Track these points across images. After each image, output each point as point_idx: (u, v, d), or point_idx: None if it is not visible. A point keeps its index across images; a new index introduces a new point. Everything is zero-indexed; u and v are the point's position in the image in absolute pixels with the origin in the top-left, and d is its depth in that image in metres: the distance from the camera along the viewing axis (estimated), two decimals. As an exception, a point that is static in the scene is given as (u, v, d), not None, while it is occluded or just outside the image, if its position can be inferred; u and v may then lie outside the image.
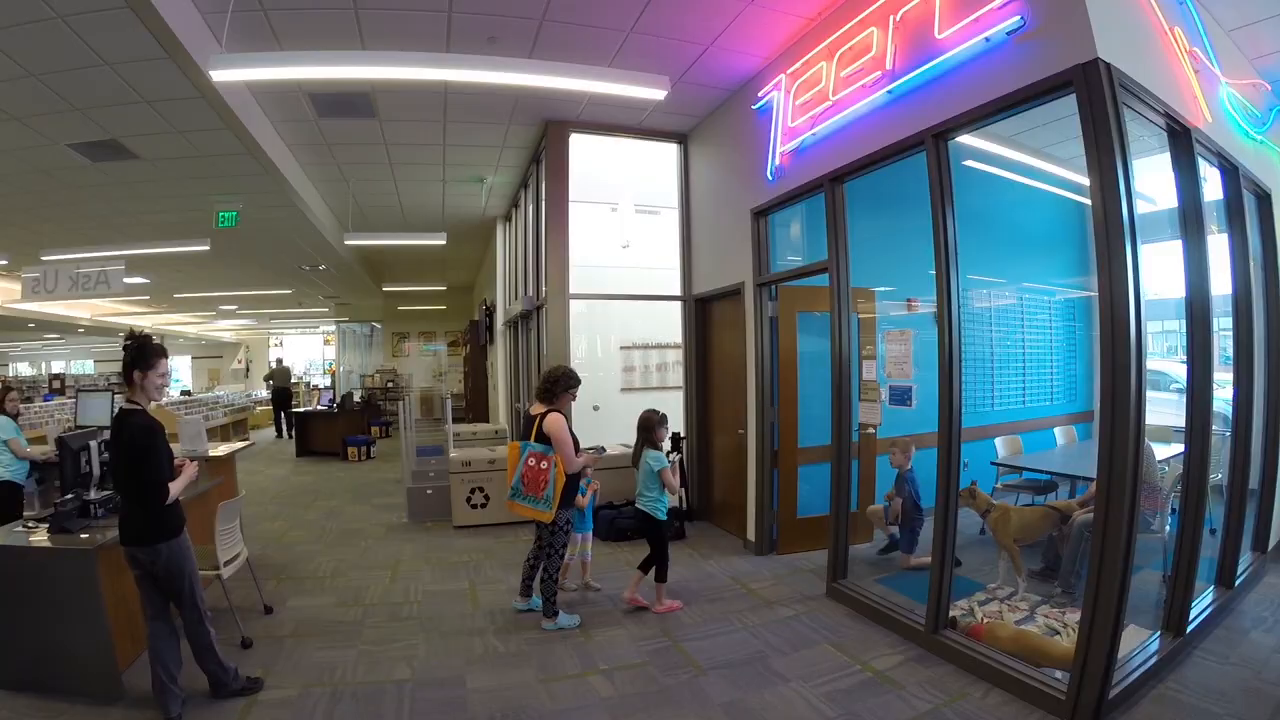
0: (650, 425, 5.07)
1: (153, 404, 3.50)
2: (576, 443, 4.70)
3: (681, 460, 6.82)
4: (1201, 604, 4.36)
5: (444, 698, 3.70)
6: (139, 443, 3.31)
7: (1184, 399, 4.07)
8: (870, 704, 3.58)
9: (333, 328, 24.69)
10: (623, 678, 3.92)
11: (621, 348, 8.74)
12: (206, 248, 9.95)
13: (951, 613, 4.24)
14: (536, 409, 4.67)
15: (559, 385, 4.64)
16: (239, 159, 7.07)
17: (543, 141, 7.46)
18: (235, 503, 4.69)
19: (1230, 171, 4.72)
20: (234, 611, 4.48)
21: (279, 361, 22.81)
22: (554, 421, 4.51)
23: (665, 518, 4.98)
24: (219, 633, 3.70)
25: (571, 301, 7.24)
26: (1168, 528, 4.51)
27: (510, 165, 8.65)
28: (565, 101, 6.62)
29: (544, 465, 4.45)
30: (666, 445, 5.39)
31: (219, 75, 4.73)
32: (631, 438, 7.43)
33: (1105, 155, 3.23)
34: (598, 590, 5.28)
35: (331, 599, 5.21)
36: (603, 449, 5.13)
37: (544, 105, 6.76)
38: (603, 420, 8.20)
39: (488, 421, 13.66)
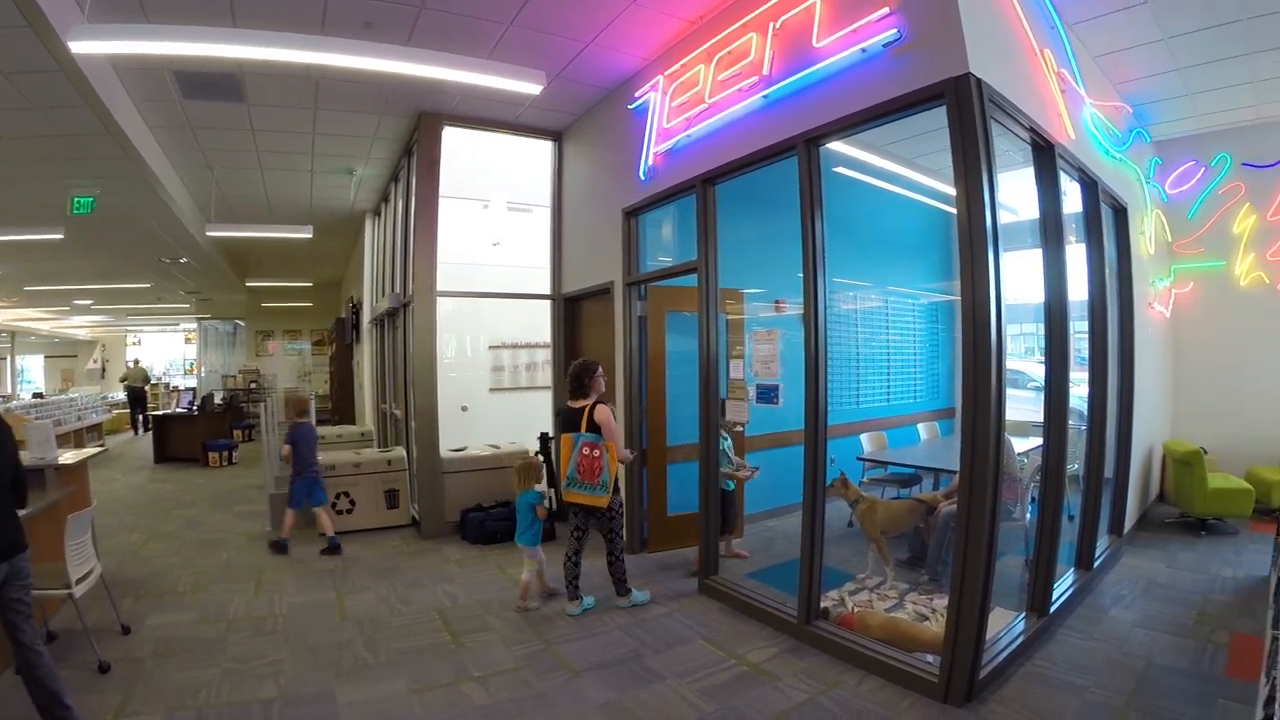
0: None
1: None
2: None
3: (550, 461, 6.76)
4: (1063, 585, 4.65)
5: (314, 714, 3.53)
6: None
7: (1042, 396, 4.30)
8: (747, 697, 3.63)
9: (194, 325, 23.29)
10: (497, 684, 3.83)
11: (490, 347, 8.61)
12: (60, 236, 9.16)
13: (823, 604, 4.35)
14: (577, 403, 4.84)
15: (585, 378, 4.84)
16: (98, 140, 6.51)
17: (415, 134, 7.21)
18: (87, 514, 4.31)
19: (1090, 186, 5.03)
20: (89, 633, 4.13)
21: (135, 362, 21.76)
22: (603, 412, 4.76)
23: (732, 487, 5.49)
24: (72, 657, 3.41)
25: (440, 299, 6.98)
26: (1029, 515, 4.79)
27: (381, 157, 8.35)
28: (440, 93, 6.42)
29: (597, 453, 4.67)
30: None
31: (79, 47, 4.36)
32: (500, 438, 7.47)
33: (972, 166, 3.37)
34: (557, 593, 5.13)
35: (193, 615, 4.89)
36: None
37: (418, 95, 6.54)
38: (472, 420, 8.05)
39: (354, 423, 12.90)
